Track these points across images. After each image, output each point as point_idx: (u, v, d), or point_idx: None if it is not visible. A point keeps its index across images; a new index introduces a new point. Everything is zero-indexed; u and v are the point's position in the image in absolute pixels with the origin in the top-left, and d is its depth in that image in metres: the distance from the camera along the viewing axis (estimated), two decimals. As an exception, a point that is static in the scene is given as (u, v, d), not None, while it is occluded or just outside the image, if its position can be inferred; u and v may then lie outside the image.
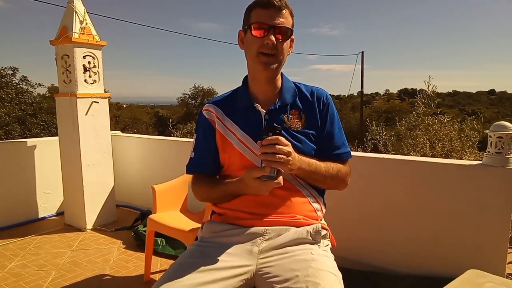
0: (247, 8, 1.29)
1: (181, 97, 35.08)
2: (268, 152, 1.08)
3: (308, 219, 1.28)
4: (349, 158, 1.39)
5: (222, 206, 1.34)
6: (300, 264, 1.12)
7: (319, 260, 1.15)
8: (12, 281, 2.43)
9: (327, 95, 1.38)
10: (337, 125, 1.37)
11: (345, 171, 1.35)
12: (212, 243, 1.25)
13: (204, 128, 1.38)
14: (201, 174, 1.40)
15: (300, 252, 1.18)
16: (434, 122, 4.97)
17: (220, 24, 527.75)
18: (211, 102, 1.41)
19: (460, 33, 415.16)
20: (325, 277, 1.08)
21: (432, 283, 2.16)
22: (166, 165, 3.67)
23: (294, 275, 1.07)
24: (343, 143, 1.37)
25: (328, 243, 1.31)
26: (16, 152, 3.53)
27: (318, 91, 1.38)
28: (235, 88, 1.44)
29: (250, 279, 1.14)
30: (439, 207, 2.24)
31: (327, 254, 1.23)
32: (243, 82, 1.40)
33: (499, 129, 2.09)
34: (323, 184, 1.32)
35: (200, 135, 1.39)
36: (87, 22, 3.30)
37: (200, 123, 1.40)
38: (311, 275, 1.07)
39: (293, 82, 1.39)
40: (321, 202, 1.37)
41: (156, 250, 2.78)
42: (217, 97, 1.46)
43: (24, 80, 17.41)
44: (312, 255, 1.17)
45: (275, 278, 1.09)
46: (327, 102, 1.36)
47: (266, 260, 1.16)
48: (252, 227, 1.24)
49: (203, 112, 1.39)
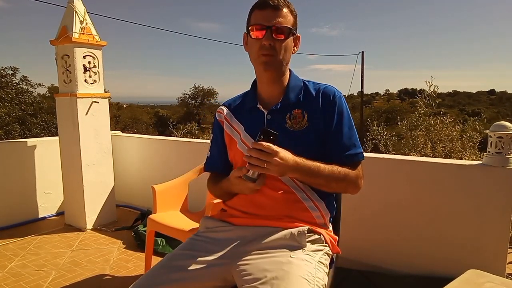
0: (249, 11, 1.29)
1: (181, 97, 35.15)
2: (252, 155, 1.11)
3: (300, 222, 1.24)
4: (361, 159, 1.30)
5: (227, 204, 1.39)
6: (274, 265, 1.11)
7: (295, 264, 1.12)
8: (12, 281, 2.43)
9: (335, 93, 1.30)
10: (346, 124, 1.29)
11: (355, 174, 1.27)
12: (203, 237, 1.31)
13: (216, 128, 1.44)
14: (215, 173, 1.46)
15: (279, 254, 1.16)
16: (436, 123, 4.97)
17: (219, 24, 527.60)
18: (224, 104, 1.47)
19: (460, 33, 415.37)
20: (293, 282, 1.05)
21: (432, 283, 2.16)
22: (166, 165, 3.67)
23: (264, 275, 1.07)
24: (353, 143, 1.28)
25: (319, 248, 1.23)
26: (16, 152, 3.53)
27: (326, 89, 1.31)
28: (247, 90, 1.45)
29: (228, 275, 1.17)
30: (439, 207, 2.24)
31: (309, 258, 1.16)
32: (252, 84, 1.41)
33: (499, 129, 2.09)
34: (326, 188, 1.25)
35: (214, 135, 1.46)
36: (87, 22, 3.30)
37: (214, 124, 1.47)
38: (279, 278, 1.05)
39: (302, 80, 1.36)
40: (322, 206, 1.30)
41: (156, 250, 2.78)
42: (230, 99, 1.49)
43: (24, 80, 17.44)
44: (290, 258, 1.14)
45: (247, 277, 1.10)
46: (333, 100, 1.28)
47: (246, 258, 1.17)
48: (241, 226, 1.28)
49: (216, 113, 1.46)
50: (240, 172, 1.17)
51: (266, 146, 1.10)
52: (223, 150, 1.40)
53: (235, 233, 1.27)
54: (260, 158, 1.10)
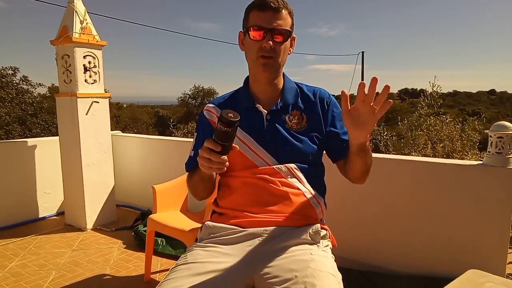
0: (246, 9, 1.28)
1: (181, 97, 35.11)
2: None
3: (308, 220, 1.28)
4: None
5: (222, 206, 1.34)
6: (299, 264, 1.11)
7: (318, 261, 1.14)
8: (12, 281, 2.43)
9: (329, 95, 1.38)
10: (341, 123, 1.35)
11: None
12: (210, 245, 1.24)
13: (204, 128, 1.38)
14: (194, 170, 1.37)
15: (299, 252, 1.17)
16: (436, 123, 4.97)
17: (219, 24, 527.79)
18: (212, 103, 1.41)
19: (460, 33, 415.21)
20: (323, 278, 1.07)
21: (432, 283, 2.16)
22: (166, 165, 3.67)
23: (293, 275, 1.07)
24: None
25: (328, 243, 1.30)
26: (17, 152, 3.54)
27: (321, 92, 1.38)
28: (236, 89, 1.44)
29: (249, 280, 1.13)
30: (440, 207, 2.24)
31: (326, 254, 1.22)
32: (244, 83, 1.40)
33: (500, 129, 2.09)
34: (365, 167, 1.25)
35: (200, 134, 1.39)
36: (87, 22, 3.30)
37: (201, 123, 1.40)
38: (309, 276, 1.06)
39: (295, 83, 1.39)
40: (322, 202, 1.36)
41: (156, 250, 2.78)
42: (218, 97, 1.46)
43: (24, 80, 17.44)
44: (311, 255, 1.16)
45: (275, 279, 1.08)
46: (330, 102, 1.36)
47: (266, 261, 1.15)
48: (250, 228, 1.23)
49: (204, 112, 1.40)
50: (208, 143, 1.05)
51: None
52: None
53: (246, 237, 1.21)
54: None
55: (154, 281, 2.43)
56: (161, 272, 2.57)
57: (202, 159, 1.07)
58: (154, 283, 2.39)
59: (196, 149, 1.40)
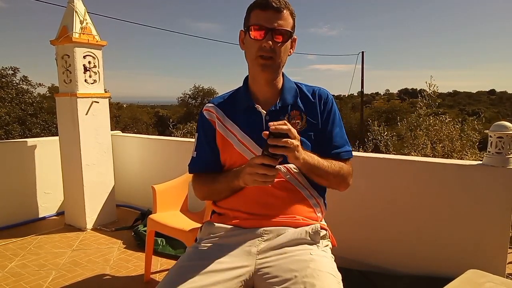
0: (248, 8, 1.28)
1: (181, 97, 35.13)
2: (278, 137, 1.05)
3: (308, 220, 1.28)
4: (350, 157, 1.36)
5: (222, 206, 1.34)
6: (299, 264, 1.11)
7: (318, 261, 1.15)
8: (12, 281, 2.43)
9: (328, 95, 1.38)
10: (338, 124, 1.36)
11: (347, 170, 1.32)
12: (210, 245, 1.24)
13: (205, 128, 1.38)
14: (201, 173, 1.39)
15: (299, 252, 1.17)
16: (436, 123, 4.98)
17: (219, 24, 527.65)
18: (212, 102, 1.41)
19: (460, 33, 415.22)
20: (323, 278, 1.07)
21: (432, 283, 2.16)
22: (166, 165, 3.67)
23: (293, 275, 1.07)
24: (343, 143, 1.35)
25: (327, 243, 1.30)
26: (16, 152, 3.53)
27: (320, 91, 1.37)
28: (235, 88, 1.43)
29: (249, 280, 1.14)
30: (440, 207, 2.24)
31: (326, 254, 1.22)
32: (243, 83, 1.39)
33: (500, 129, 2.09)
34: (326, 180, 1.28)
35: (201, 134, 1.39)
36: (87, 22, 3.30)
37: (201, 123, 1.40)
38: (309, 276, 1.07)
39: (294, 83, 1.39)
40: (321, 202, 1.36)
41: (156, 250, 2.78)
42: (217, 97, 1.45)
43: (24, 80, 17.44)
44: (310, 255, 1.16)
45: (274, 279, 1.09)
46: (328, 101, 1.35)
47: (264, 261, 1.16)
48: (251, 228, 1.23)
49: (204, 112, 1.39)
50: (263, 159, 1.08)
51: (292, 130, 1.08)
52: (215, 150, 1.34)
53: (246, 237, 1.22)
54: (290, 137, 1.07)
55: (154, 281, 2.43)
56: (161, 272, 2.57)
57: (257, 176, 1.10)
58: (154, 283, 2.39)
59: (198, 150, 1.40)
